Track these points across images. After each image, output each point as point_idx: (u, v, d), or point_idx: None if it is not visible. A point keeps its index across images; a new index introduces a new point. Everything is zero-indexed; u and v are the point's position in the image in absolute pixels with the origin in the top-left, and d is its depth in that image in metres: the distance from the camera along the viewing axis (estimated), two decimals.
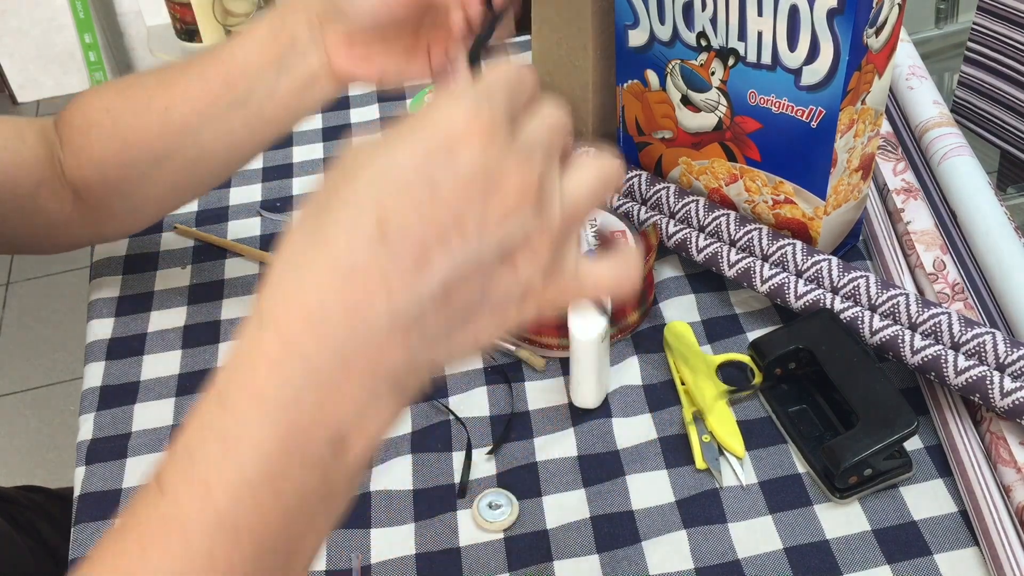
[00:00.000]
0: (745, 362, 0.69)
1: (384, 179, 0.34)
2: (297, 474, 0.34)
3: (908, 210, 0.75)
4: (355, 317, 0.33)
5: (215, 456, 0.33)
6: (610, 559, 0.60)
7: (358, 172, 0.34)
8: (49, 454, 1.76)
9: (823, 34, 0.62)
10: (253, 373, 0.34)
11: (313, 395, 0.33)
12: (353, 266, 0.33)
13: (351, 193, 0.34)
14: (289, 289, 0.34)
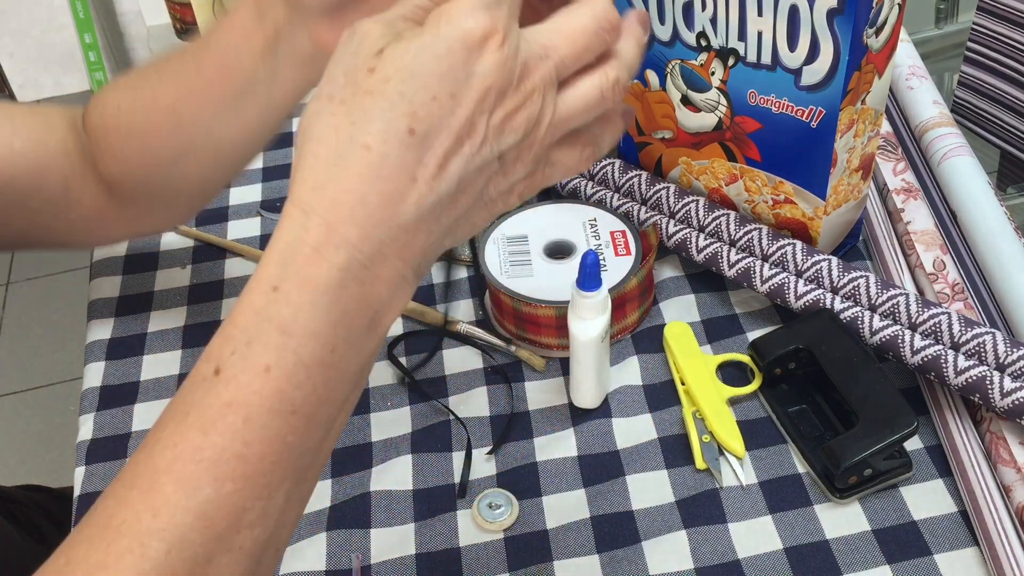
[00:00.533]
0: (745, 362, 0.69)
1: (414, 81, 0.37)
2: (343, 355, 0.38)
3: (908, 210, 0.75)
4: (390, 208, 0.37)
5: (274, 342, 0.37)
6: (610, 559, 0.60)
7: (387, 68, 0.37)
8: (49, 454, 1.76)
9: (823, 34, 0.62)
10: (304, 261, 0.37)
11: (357, 280, 0.38)
12: (389, 164, 0.37)
13: (384, 92, 0.37)
14: (331, 182, 0.37)
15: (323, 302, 0.37)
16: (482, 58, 0.38)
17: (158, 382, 0.73)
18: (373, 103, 0.37)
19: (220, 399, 0.37)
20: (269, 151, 0.93)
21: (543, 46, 0.40)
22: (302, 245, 0.37)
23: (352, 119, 0.37)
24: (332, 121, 0.38)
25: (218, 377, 0.37)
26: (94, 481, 0.67)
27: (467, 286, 0.78)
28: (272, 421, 0.37)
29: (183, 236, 0.85)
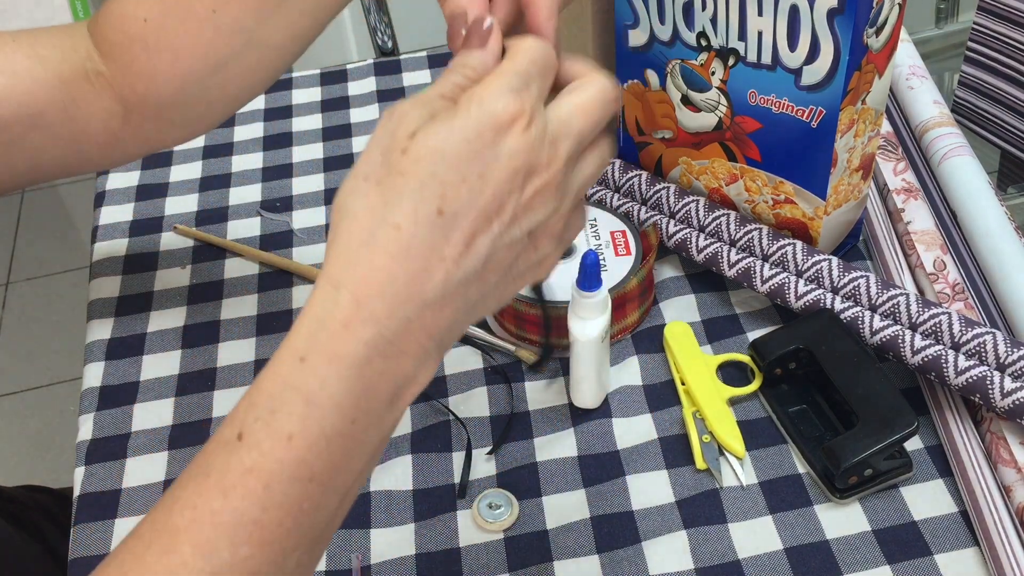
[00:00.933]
0: (745, 362, 0.69)
1: (444, 162, 0.39)
2: (363, 427, 0.39)
3: (908, 210, 0.75)
4: (417, 286, 0.39)
5: (298, 412, 0.38)
6: (610, 559, 0.60)
7: (419, 150, 0.39)
8: (49, 454, 1.76)
9: (823, 34, 0.62)
10: (331, 335, 0.38)
11: (382, 356, 0.39)
12: (418, 243, 0.38)
13: (415, 173, 0.39)
14: (362, 260, 0.39)
15: (349, 376, 0.39)
16: (509, 140, 0.39)
17: (158, 382, 0.73)
18: (404, 184, 0.39)
19: (242, 464, 0.38)
20: (268, 151, 0.93)
21: (564, 123, 0.42)
22: (331, 319, 0.39)
23: (385, 199, 0.39)
24: (366, 201, 0.39)
25: (241, 442, 0.38)
26: (94, 481, 0.67)
27: None
28: (291, 489, 0.38)
29: (183, 236, 0.85)
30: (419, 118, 0.40)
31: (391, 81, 1.00)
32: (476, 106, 0.39)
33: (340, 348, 0.38)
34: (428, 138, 0.39)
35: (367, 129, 0.94)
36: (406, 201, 0.39)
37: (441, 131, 0.39)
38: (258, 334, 0.76)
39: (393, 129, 0.40)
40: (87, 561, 0.63)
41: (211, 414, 0.71)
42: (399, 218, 0.38)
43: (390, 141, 0.40)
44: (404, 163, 0.39)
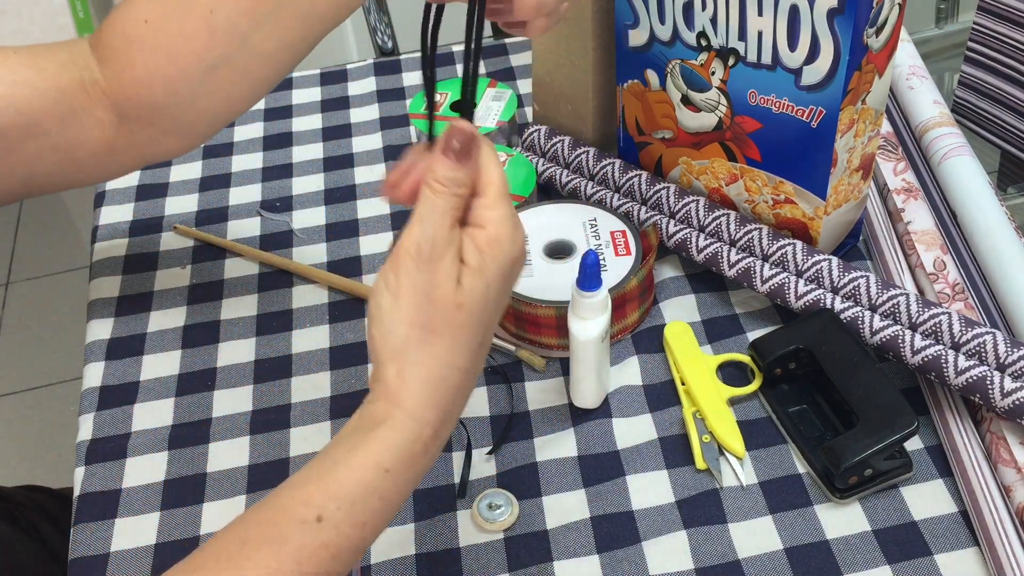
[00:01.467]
0: (745, 362, 0.69)
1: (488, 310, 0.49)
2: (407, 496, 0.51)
3: (908, 210, 0.75)
4: (464, 397, 0.50)
5: (375, 507, 0.48)
6: (610, 559, 0.60)
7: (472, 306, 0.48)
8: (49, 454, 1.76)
9: (823, 34, 0.62)
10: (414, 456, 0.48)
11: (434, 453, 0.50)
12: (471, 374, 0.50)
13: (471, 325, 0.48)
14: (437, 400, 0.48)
15: (416, 479, 0.50)
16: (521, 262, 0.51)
17: (158, 382, 0.73)
18: (464, 335, 0.48)
19: (319, 540, 0.47)
20: (268, 151, 0.93)
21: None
22: (415, 445, 0.48)
23: (449, 348, 0.48)
24: (431, 350, 0.48)
25: (320, 524, 0.47)
26: (94, 481, 0.67)
27: None
28: (350, 557, 0.48)
29: (183, 236, 0.85)
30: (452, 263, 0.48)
31: (391, 81, 1.00)
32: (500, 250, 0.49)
33: (418, 464, 0.49)
34: (476, 293, 0.48)
35: (367, 129, 0.94)
36: (467, 348, 0.49)
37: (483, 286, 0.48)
38: (258, 334, 0.76)
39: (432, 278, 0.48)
40: (87, 561, 0.63)
41: (211, 414, 0.71)
42: (462, 362, 0.49)
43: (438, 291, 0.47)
44: (461, 317, 0.48)
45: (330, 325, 0.76)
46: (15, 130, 0.63)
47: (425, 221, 0.48)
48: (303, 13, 0.59)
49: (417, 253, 0.48)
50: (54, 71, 0.63)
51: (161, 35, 0.61)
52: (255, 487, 0.66)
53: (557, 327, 0.70)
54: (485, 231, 0.49)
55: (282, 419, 0.70)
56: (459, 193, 0.49)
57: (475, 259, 0.49)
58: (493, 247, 0.49)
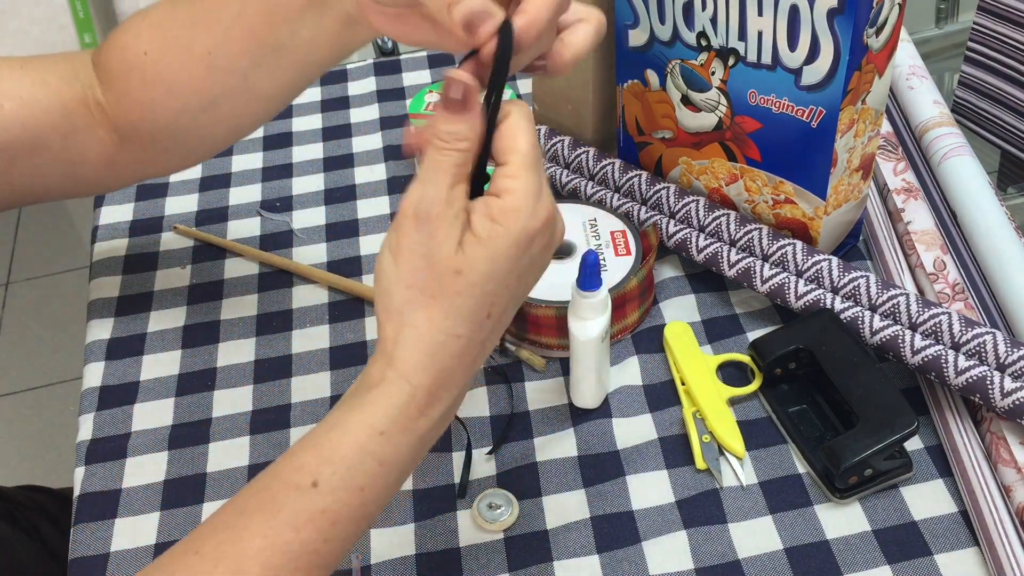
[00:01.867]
0: (745, 362, 0.69)
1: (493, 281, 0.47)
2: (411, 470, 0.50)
3: (908, 210, 0.75)
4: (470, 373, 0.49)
5: (373, 472, 0.47)
6: (610, 559, 0.60)
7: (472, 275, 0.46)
8: (49, 454, 1.76)
9: (823, 34, 0.62)
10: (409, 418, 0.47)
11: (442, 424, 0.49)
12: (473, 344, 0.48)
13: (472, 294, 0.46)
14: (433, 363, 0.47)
15: (416, 443, 0.48)
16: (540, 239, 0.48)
17: (158, 382, 0.73)
18: (463, 303, 0.46)
19: (316, 506, 0.46)
20: (268, 151, 0.93)
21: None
22: (409, 407, 0.47)
23: (446, 314, 0.46)
24: (427, 313, 0.46)
25: (316, 489, 0.46)
26: (94, 481, 0.67)
27: None
28: (350, 525, 0.47)
29: (183, 236, 0.85)
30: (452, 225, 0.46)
31: (391, 81, 1.00)
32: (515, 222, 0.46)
33: (414, 426, 0.47)
34: (479, 262, 0.46)
35: (367, 129, 0.94)
36: (466, 315, 0.47)
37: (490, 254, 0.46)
38: (258, 334, 0.76)
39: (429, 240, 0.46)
40: (87, 561, 0.63)
41: (211, 414, 0.71)
42: (461, 330, 0.47)
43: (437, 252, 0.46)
44: (459, 284, 0.46)
45: (330, 325, 0.76)
46: (19, 145, 0.63)
47: (425, 180, 0.46)
48: (302, 57, 0.60)
49: (415, 213, 0.46)
50: (59, 87, 0.64)
51: (160, 68, 0.61)
52: None
53: (557, 327, 0.70)
54: (500, 200, 0.46)
55: (282, 419, 0.70)
56: (460, 148, 0.46)
57: (483, 228, 0.46)
58: (507, 217, 0.46)
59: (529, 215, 0.46)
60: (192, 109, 0.62)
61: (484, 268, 0.46)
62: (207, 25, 0.60)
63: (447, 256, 0.46)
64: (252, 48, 0.59)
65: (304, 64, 0.60)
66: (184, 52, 0.61)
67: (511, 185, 0.46)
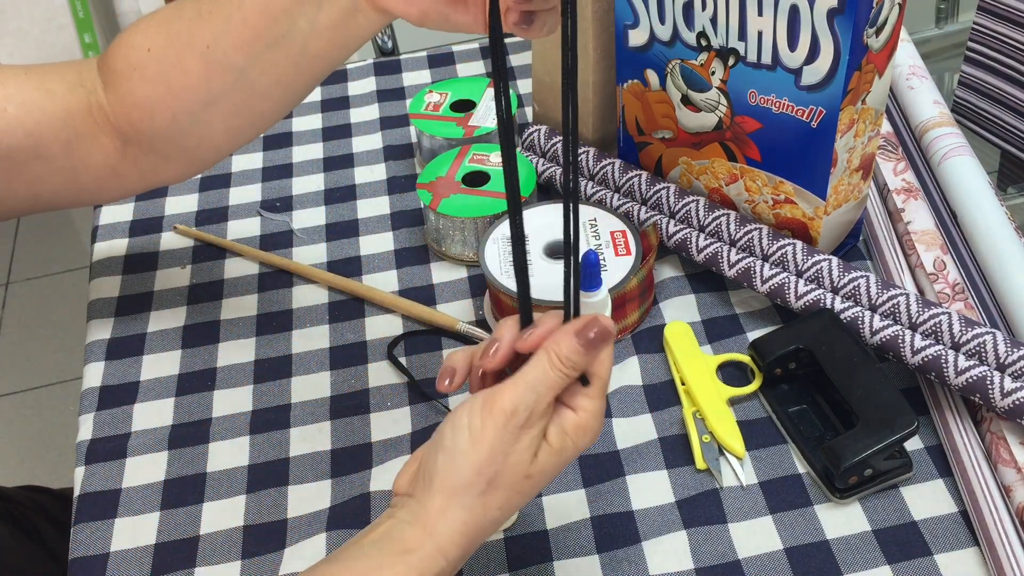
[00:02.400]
0: (745, 362, 0.69)
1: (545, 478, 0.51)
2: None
3: (908, 210, 0.75)
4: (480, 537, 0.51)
5: None
6: (610, 559, 0.60)
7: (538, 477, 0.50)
8: (49, 454, 1.76)
9: (823, 34, 0.62)
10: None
11: None
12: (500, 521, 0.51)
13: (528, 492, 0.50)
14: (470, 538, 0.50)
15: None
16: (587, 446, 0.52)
17: (158, 382, 0.73)
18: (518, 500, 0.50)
19: None
20: (268, 151, 0.93)
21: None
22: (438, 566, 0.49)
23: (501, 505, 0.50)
24: (485, 501, 0.49)
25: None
26: (94, 481, 0.67)
27: (467, 286, 0.78)
28: None
29: (183, 236, 0.85)
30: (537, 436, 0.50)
31: (391, 81, 1.00)
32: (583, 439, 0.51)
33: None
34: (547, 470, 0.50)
35: (367, 129, 0.94)
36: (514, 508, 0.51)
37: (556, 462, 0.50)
38: (258, 334, 0.76)
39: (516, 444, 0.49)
40: (87, 561, 0.63)
41: (211, 414, 0.71)
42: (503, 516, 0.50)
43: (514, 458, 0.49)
44: (524, 486, 0.50)
45: (330, 325, 0.76)
46: (22, 152, 0.63)
47: (532, 389, 0.49)
48: (297, 52, 0.59)
49: (512, 414, 0.49)
50: (63, 94, 0.64)
51: (161, 66, 0.61)
52: (255, 487, 0.66)
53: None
54: (576, 416, 0.51)
55: (282, 419, 0.70)
56: (572, 376, 0.50)
57: (557, 440, 0.50)
58: (578, 433, 0.50)
59: (594, 433, 0.51)
60: (191, 108, 0.62)
61: (549, 473, 0.51)
62: (207, 19, 0.60)
63: (524, 462, 0.49)
64: (249, 41, 0.59)
65: (301, 57, 0.60)
66: (185, 47, 0.61)
67: (588, 405, 0.51)
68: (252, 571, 0.61)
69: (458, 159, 0.82)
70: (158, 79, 0.62)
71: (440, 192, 0.79)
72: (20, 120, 0.63)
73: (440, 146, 0.86)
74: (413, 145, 0.92)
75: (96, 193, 0.69)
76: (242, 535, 0.63)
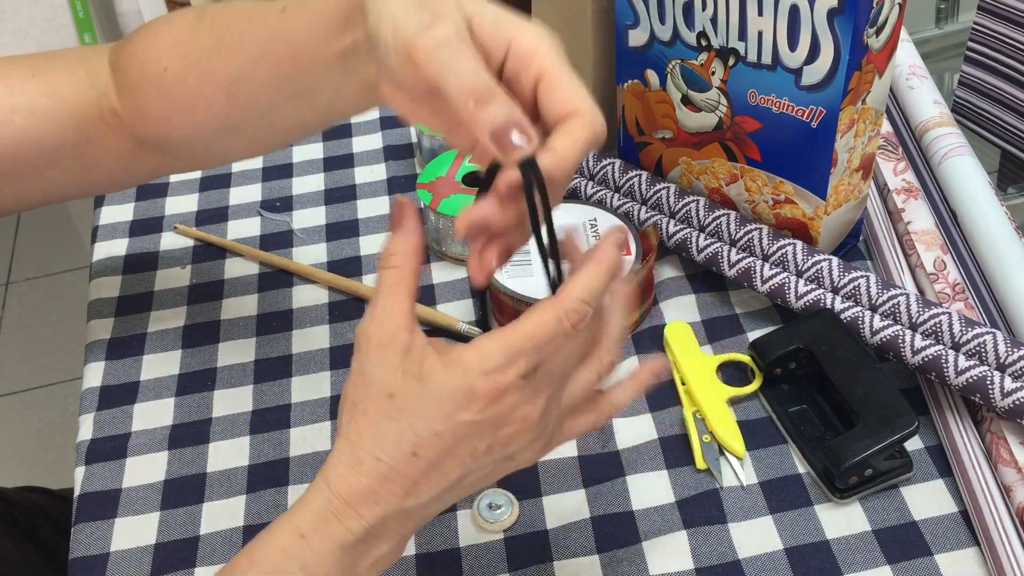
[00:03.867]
0: (745, 362, 0.69)
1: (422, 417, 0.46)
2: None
3: (908, 210, 0.75)
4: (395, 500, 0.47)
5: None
6: (610, 559, 0.60)
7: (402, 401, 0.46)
8: (49, 454, 1.76)
9: (823, 34, 0.62)
10: (327, 523, 0.47)
11: (364, 541, 0.47)
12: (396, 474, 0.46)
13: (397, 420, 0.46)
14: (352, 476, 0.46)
15: (337, 552, 0.47)
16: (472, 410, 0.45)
17: (158, 382, 0.73)
18: (387, 427, 0.46)
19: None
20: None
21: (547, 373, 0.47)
22: (327, 511, 0.46)
23: (371, 432, 0.46)
24: (357, 428, 0.47)
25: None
26: (94, 481, 0.67)
27: (467, 286, 0.78)
28: None
29: (183, 236, 0.85)
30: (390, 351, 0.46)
31: None
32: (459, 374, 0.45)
33: (333, 532, 0.47)
34: (412, 393, 0.45)
35: (367, 129, 0.94)
36: (388, 441, 0.46)
37: (424, 392, 0.45)
38: (258, 334, 0.76)
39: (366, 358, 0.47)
40: (87, 561, 0.63)
41: (211, 414, 0.71)
42: (382, 454, 0.46)
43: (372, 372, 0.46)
44: (389, 408, 0.46)
45: (330, 325, 0.76)
46: (30, 161, 0.63)
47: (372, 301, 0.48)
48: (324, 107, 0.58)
49: (358, 331, 0.48)
50: (72, 97, 0.62)
51: (179, 87, 0.60)
52: (255, 487, 0.66)
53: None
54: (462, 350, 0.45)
55: (282, 419, 0.70)
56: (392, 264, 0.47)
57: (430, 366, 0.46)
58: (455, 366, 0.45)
59: (477, 375, 0.45)
60: (207, 130, 0.61)
61: (415, 402, 0.45)
62: (230, 54, 0.58)
63: (382, 378, 0.46)
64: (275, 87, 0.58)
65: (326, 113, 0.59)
66: (205, 77, 0.59)
67: (484, 344, 0.45)
68: None
69: (458, 159, 0.82)
70: (176, 99, 0.60)
71: (440, 192, 0.79)
72: (28, 130, 0.61)
73: (440, 146, 0.86)
74: (413, 145, 0.92)
75: (104, 187, 0.70)
76: (242, 535, 0.63)
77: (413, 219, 0.48)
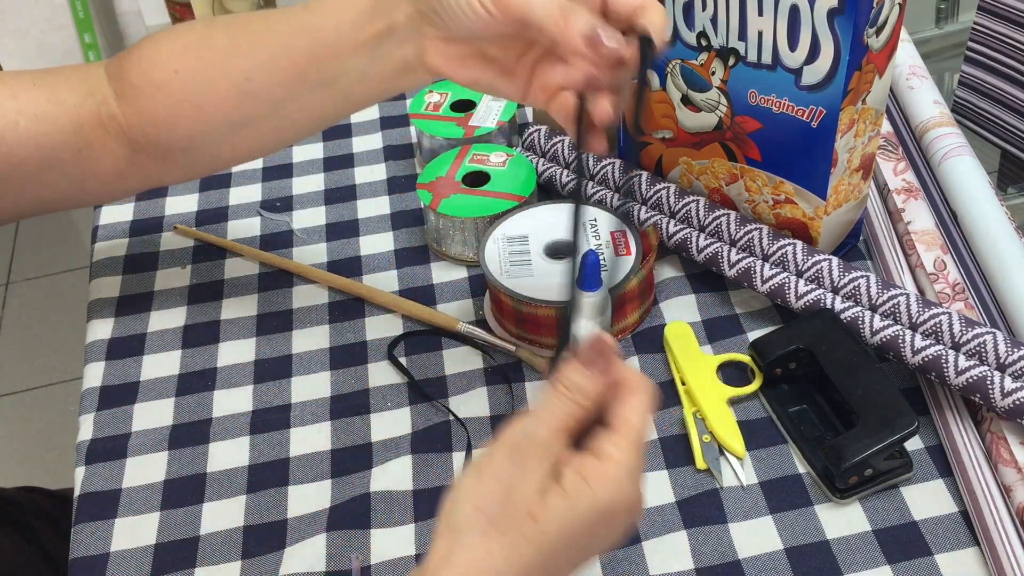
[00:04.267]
0: (745, 362, 0.69)
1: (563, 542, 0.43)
2: None
3: (908, 210, 0.75)
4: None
5: None
6: (610, 559, 0.60)
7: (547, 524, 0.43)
8: (49, 454, 1.76)
9: (823, 34, 0.62)
10: None
11: None
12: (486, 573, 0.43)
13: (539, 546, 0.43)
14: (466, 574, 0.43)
15: None
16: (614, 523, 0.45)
17: (158, 382, 0.73)
18: (525, 550, 0.43)
19: None
20: None
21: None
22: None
23: (504, 553, 0.43)
24: (486, 542, 0.43)
25: None
26: (94, 481, 0.67)
27: (467, 286, 0.78)
28: None
29: (183, 236, 0.85)
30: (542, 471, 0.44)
31: None
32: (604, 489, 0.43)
33: None
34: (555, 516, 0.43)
35: (367, 129, 0.94)
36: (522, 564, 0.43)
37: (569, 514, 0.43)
38: (258, 334, 0.76)
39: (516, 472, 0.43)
40: (87, 561, 0.63)
41: (211, 414, 0.71)
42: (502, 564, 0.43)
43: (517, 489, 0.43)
44: (529, 530, 0.43)
45: (330, 325, 0.76)
46: (32, 164, 0.64)
47: (535, 416, 0.45)
48: (341, 96, 0.58)
49: (513, 442, 0.44)
50: (73, 104, 0.64)
51: (190, 87, 0.60)
52: (255, 487, 0.66)
53: (557, 327, 0.70)
54: (597, 462, 0.44)
55: (282, 419, 0.70)
56: (578, 402, 0.45)
57: (572, 484, 0.44)
58: (599, 481, 0.44)
59: (619, 488, 0.44)
60: (216, 130, 0.62)
61: (558, 524, 0.43)
62: (249, 51, 0.59)
63: (528, 497, 0.43)
64: (293, 81, 0.58)
65: (344, 100, 0.59)
66: (220, 75, 0.60)
67: (613, 452, 0.44)
68: (252, 571, 0.61)
69: (458, 159, 0.82)
70: (184, 100, 0.61)
71: (440, 192, 0.79)
72: (31, 133, 0.63)
73: (440, 146, 0.86)
74: (413, 145, 0.92)
75: (98, 195, 0.70)
76: (242, 535, 0.63)
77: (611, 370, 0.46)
